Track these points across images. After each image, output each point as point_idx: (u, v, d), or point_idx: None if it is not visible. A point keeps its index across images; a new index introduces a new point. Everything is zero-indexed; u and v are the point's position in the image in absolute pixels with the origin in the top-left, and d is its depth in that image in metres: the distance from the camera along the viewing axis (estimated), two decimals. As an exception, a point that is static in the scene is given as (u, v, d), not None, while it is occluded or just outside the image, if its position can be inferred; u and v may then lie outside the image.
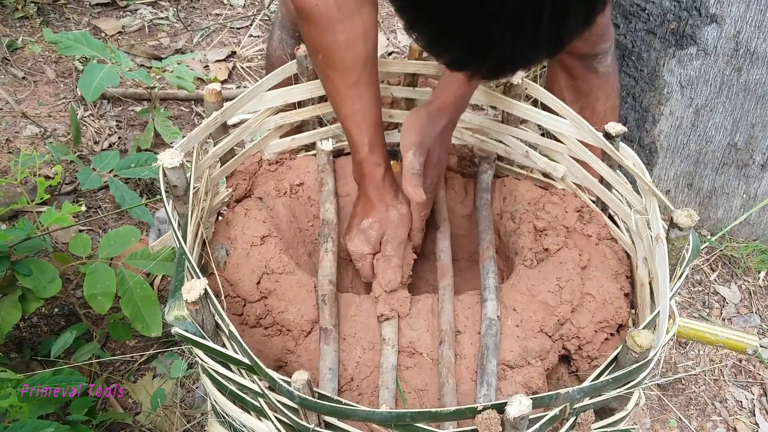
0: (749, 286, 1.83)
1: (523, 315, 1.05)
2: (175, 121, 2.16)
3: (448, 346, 1.01)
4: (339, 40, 1.07)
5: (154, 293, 1.33)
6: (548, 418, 0.77)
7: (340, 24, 1.05)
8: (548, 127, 1.18)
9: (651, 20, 1.74)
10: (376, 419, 0.78)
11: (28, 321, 1.56)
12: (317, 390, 0.79)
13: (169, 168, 0.96)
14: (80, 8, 2.62)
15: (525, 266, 1.11)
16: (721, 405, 1.58)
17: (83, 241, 1.38)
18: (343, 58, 1.08)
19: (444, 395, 0.96)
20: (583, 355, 1.07)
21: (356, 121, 1.13)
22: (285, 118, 1.24)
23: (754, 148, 1.79)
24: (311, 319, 1.05)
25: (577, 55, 1.48)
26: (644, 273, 1.05)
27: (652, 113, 1.84)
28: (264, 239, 1.11)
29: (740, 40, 1.65)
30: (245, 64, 2.46)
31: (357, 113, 1.12)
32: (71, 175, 1.92)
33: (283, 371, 1.04)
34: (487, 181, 1.27)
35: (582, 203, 1.19)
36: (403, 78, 1.30)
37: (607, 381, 0.80)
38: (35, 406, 1.13)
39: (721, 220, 1.93)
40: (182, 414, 1.38)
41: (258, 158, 1.24)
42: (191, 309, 0.84)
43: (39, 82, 2.24)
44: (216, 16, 2.70)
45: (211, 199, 1.14)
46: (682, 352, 1.67)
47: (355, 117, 1.13)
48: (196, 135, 1.06)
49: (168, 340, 1.51)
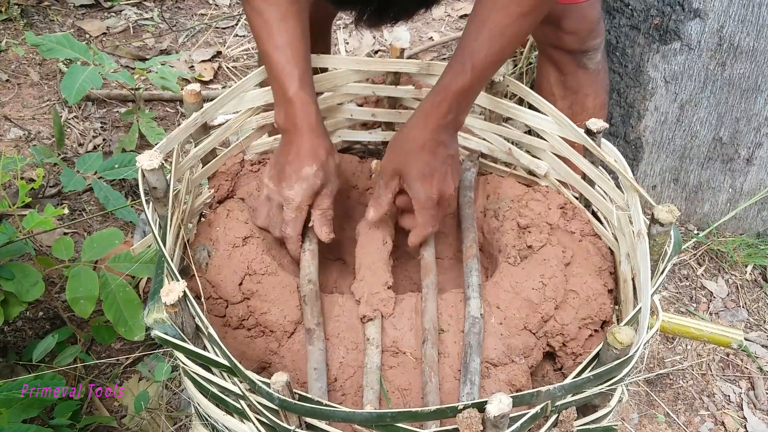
0: (736, 280, 1.83)
1: (506, 312, 1.05)
2: (160, 122, 2.15)
3: (431, 344, 1.00)
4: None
5: (137, 296, 1.32)
6: (529, 416, 0.77)
7: None
8: (531, 125, 1.17)
9: (635, 16, 1.74)
10: (356, 420, 0.77)
11: (12, 325, 1.55)
12: (298, 391, 0.78)
13: (148, 170, 0.96)
14: (64, 10, 2.60)
15: (508, 264, 1.11)
16: (709, 399, 1.58)
17: (66, 244, 1.37)
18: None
19: (427, 394, 0.96)
20: (568, 351, 1.07)
21: (285, 55, 1.08)
22: (267, 118, 1.23)
23: (739, 143, 1.79)
24: (294, 320, 1.05)
25: (567, 51, 1.48)
26: (627, 269, 1.05)
27: (637, 109, 1.84)
28: (246, 240, 1.10)
29: (724, 35, 1.65)
30: (231, 64, 2.45)
31: (287, 46, 1.07)
32: (55, 178, 1.91)
33: (267, 372, 1.04)
34: (471, 179, 1.27)
35: (565, 200, 1.19)
36: (386, 76, 1.30)
37: (588, 378, 0.80)
38: (17, 410, 1.12)
39: (708, 214, 1.94)
40: (168, 416, 1.38)
41: (240, 159, 1.24)
42: (170, 311, 0.83)
43: (23, 84, 2.22)
44: (201, 16, 2.69)
45: (193, 200, 1.13)
46: (669, 347, 1.67)
47: (284, 50, 1.08)
48: (175, 136, 1.05)
49: (153, 343, 1.50)
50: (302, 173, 1.08)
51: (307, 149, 1.09)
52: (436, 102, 1.06)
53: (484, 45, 1.03)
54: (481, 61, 1.03)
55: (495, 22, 1.01)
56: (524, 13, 1.01)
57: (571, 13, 1.41)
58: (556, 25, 1.43)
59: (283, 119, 1.11)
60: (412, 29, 2.67)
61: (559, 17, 1.42)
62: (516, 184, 1.25)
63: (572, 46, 1.47)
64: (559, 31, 1.44)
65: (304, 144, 1.09)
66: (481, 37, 1.02)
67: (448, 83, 1.05)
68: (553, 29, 1.45)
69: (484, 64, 1.04)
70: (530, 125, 1.18)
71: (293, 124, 1.09)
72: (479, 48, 1.03)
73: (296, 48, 1.08)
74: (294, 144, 1.09)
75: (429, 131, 1.07)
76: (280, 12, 1.07)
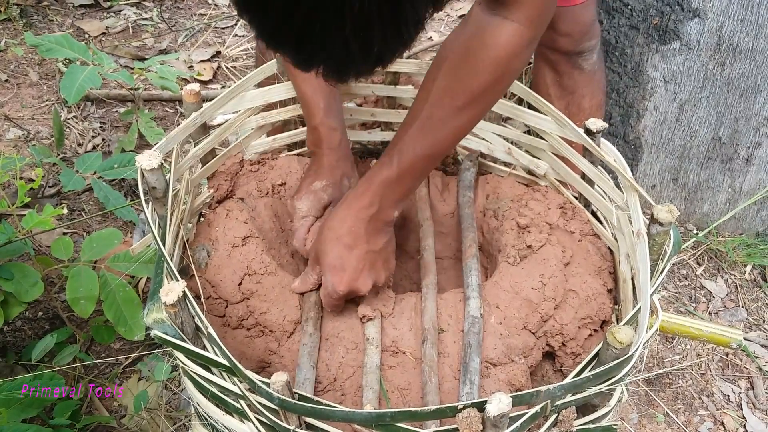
0: (735, 280, 1.83)
1: (506, 312, 1.05)
2: (160, 122, 2.15)
3: (431, 344, 1.00)
4: None
5: (137, 296, 1.32)
6: (529, 416, 0.77)
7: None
8: (530, 124, 1.18)
9: (634, 16, 1.74)
10: (356, 419, 0.77)
11: (12, 325, 1.55)
12: (297, 391, 0.78)
13: (148, 170, 0.96)
14: (63, 10, 2.60)
15: (508, 263, 1.11)
16: (708, 399, 1.58)
17: (65, 244, 1.37)
18: None
19: (427, 394, 0.96)
20: (567, 351, 1.07)
21: (312, 85, 1.12)
22: (266, 118, 1.23)
23: (739, 142, 1.79)
24: (294, 320, 1.05)
25: (562, 52, 1.48)
26: (627, 269, 1.05)
27: (636, 109, 1.84)
28: (246, 240, 1.10)
29: (723, 35, 1.65)
30: (230, 64, 2.45)
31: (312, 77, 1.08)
32: (54, 178, 1.91)
33: (267, 372, 1.04)
34: (470, 179, 1.27)
35: (565, 200, 1.19)
36: (385, 76, 1.30)
37: (587, 378, 0.80)
38: (17, 410, 1.12)
39: (707, 214, 1.94)
40: (167, 416, 1.38)
41: (239, 158, 1.24)
42: (170, 311, 0.83)
43: (22, 84, 2.22)
44: (200, 16, 2.69)
45: (192, 200, 1.13)
46: (668, 346, 1.67)
47: (310, 81, 1.12)
48: (175, 136, 1.05)
49: (153, 343, 1.50)
50: (312, 187, 1.14)
51: (323, 168, 1.15)
52: (358, 192, 1.03)
53: (413, 138, 0.99)
54: (409, 154, 0.99)
55: (427, 116, 0.98)
56: (459, 107, 0.97)
57: (565, 16, 1.41)
58: (551, 27, 1.43)
59: (311, 143, 1.18)
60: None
61: (554, 19, 1.42)
62: (515, 183, 1.25)
63: (567, 48, 1.47)
64: (553, 32, 1.44)
65: (323, 165, 1.15)
66: (411, 130, 0.99)
67: (373, 174, 1.02)
68: (548, 31, 1.44)
69: (412, 157, 0.99)
70: (530, 125, 1.18)
71: (318, 148, 1.15)
72: (408, 141, 0.99)
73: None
74: (315, 164, 1.16)
75: (348, 224, 1.02)
76: None
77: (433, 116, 0.98)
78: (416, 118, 0.99)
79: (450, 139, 1.02)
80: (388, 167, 1.00)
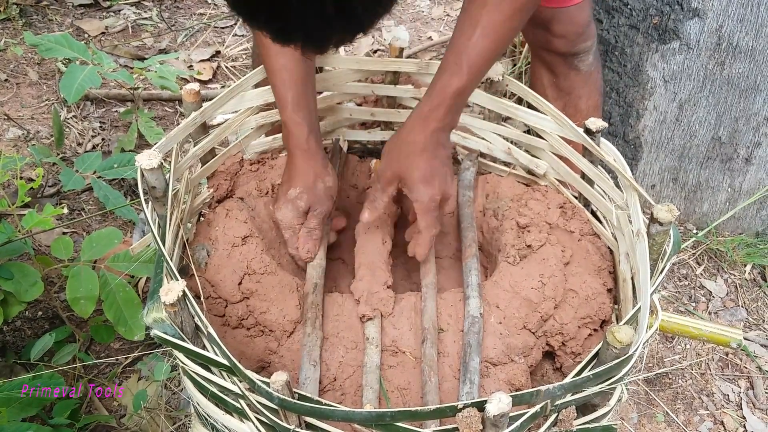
0: (735, 279, 1.83)
1: (506, 312, 1.05)
2: (159, 121, 2.15)
3: (430, 344, 1.00)
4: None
5: (137, 296, 1.32)
6: (529, 416, 0.77)
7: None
8: (530, 124, 1.18)
9: (633, 15, 1.74)
10: (356, 419, 0.77)
11: (12, 325, 1.55)
12: (297, 391, 0.78)
13: (147, 169, 0.96)
14: (63, 9, 2.60)
15: (508, 263, 1.11)
16: (708, 399, 1.58)
17: (65, 244, 1.37)
18: None
19: (427, 393, 0.96)
20: (567, 351, 1.07)
21: (281, 78, 1.11)
22: (266, 118, 1.23)
23: (738, 142, 1.79)
24: (294, 320, 1.05)
25: (558, 53, 1.49)
26: (626, 268, 1.05)
27: (636, 108, 1.84)
28: (245, 239, 1.10)
29: (723, 34, 1.65)
30: (230, 64, 2.45)
31: (282, 69, 1.09)
32: (54, 178, 1.91)
33: (267, 372, 1.04)
34: (470, 179, 1.27)
35: (564, 199, 1.19)
36: (385, 76, 1.30)
37: (587, 377, 0.80)
38: (16, 409, 1.12)
39: (707, 214, 1.94)
40: (167, 416, 1.38)
41: (239, 158, 1.24)
42: (170, 311, 0.83)
43: (21, 84, 2.22)
44: (200, 16, 2.68)
45: (192, 199, 1.13)
46: (668, 346, 1.67)
47: (281, 73, 1.10)
48: (174, 136, 1.05)
49: (152, 342, 1.50)
50: (288, 196, 1.14)
51: (295, 172, 1.13)
52: (434, 105, 1.06)
53: (478, 44, 1.02)
54: (476, 60, 1.03)
55: (488, 20, 1.01)
56: (517, 8, 1.01)
57: (560, 17, 1.41)
58: (546, 29, 1.44)
59: (283, 139, 1.17)
60: (410, 29, 2.67)
61: (549, 21, 1.42)
62: (515, 183, 1.25)
63: (562, 49, 1.47)
64: (549, 34, 1.45)
65: (294, 167, 1.14)
66: (475, 36, 1.02)
67: (445, 85, 1.04)
68: (543, 32, 1.45)
69: (479, 62, 1.03)
70: (529, 125, 1.18)
71: (287, 147, 1.15)
72: (473, 47, 1.02)
73: (291, 70, 1.10)
74: (288, 166, 1.15)
75: (428, 134, 1.06)
76: None
77: (495, 20, 1.01)
78: (477, 24, 1.01)
79: (507, 41, 1.07)
80: (459, 77, 1.03)
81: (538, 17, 1.42)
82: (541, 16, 1.42)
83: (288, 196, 1.13)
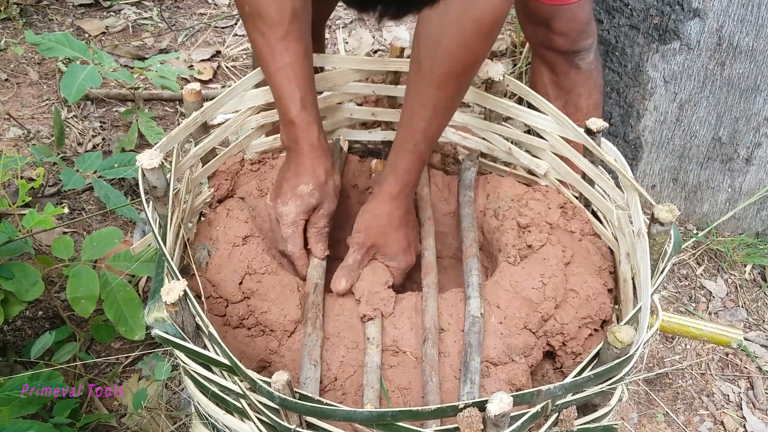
0: (735, 279, 1.83)
1: (506, 312, 1.05)
2: (160, 121, 2.15)
3: (431, 344, 1.00)
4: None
5: (138, 295, 1.32)
6: (530, 416, 0.77)
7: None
8: (531, 124, 1.18)
9: (634, 15, 1.74)
10: (357, 419, 0.77)
11: (12, 324, 1.55)
12: (299, 390, 0.78)
13: (149, 169, 0.96)
14: (63, 9, 2.60)
15: (508, 263, 1.11)
16: (708, 399, 1.59)
17: (65, 244, 1.37)
18: (269, 10, 1.06)
19: (427, 393, 0.96)
20: (568, 351, 1.07)
21: (287, 76, 1.09)
22: (267, 117, 1.23)
23: (739, 142, 1.79)
24: (294, 319, 1.05)
25: (558, 52, 1.48)
26: (627, 268, 1.05)
27: (636, 108, 1.84)
28: (246, 239, 1.10)
29: (723, 35, 1.65)
30: (230, 64, 2.45)
31: (288, 67, 1.08)
32: (54, 177, 1.91)
33: (267, 371, 1.04)
34: (471, 179, 1.27)
35: (565, 199, 1.19)
36: (386, 75, 1.30)
37: (588, 377, 0.80)
38: (16, 408, 1.12)
39: (707, 214, 1.94)
40: (168, 416, 1.38)
41: (240, 158, 1.24)
42: (171, 311, 0.83)
43: (22, 83, 2.22)
44: (200, 16, 2.68)
45: (193, 199, 1.13)
46: (668, 346, 1.67)
47: (286, 71, 1.09)
48: (175, 135, 1.05)
49: (153, 342, 1.50)
50: (298, 191, 1.11)
51: (305, 168, 1.12)
52: (402, 184, 1.12)
53: (434, 123, 1.08)
54: (435, 135, 1.11)
55: (438, 99, 1.05)
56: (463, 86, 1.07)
57: (561, 14, 1.41)
58: (547, 26, 1.44)
59: (286, 139, 1.14)
60: (411, 29, 2.67)
61: (549, 18, 1.42)
62: (516, 183, 1.25)
63: (563, 47, 1.47)
64: (550, 32, 1.44)
65: (303, 163, 1.12)
66: (428, 116, 1.07)
67: (410, 167, 1.11)
68: (544, 30, 1.45)
69: (437, 135, 1.12)
70: (530, 125, 1.18)
71: (295, 144, 1.12)
72: (429, 126, 1.08)
73: (297, 69, 1.09)
74: (294, 162, 1.13)
75: (402, 210, 1.14)
76: (281, 32, 1.07)
77: (445, 98, 1.06)
78: (427, 105, 1.06)
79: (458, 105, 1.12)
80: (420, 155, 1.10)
81: (539, 15, 1.42)
82: (542, 14, 1.41)
83: (298, 192, 1.11)
